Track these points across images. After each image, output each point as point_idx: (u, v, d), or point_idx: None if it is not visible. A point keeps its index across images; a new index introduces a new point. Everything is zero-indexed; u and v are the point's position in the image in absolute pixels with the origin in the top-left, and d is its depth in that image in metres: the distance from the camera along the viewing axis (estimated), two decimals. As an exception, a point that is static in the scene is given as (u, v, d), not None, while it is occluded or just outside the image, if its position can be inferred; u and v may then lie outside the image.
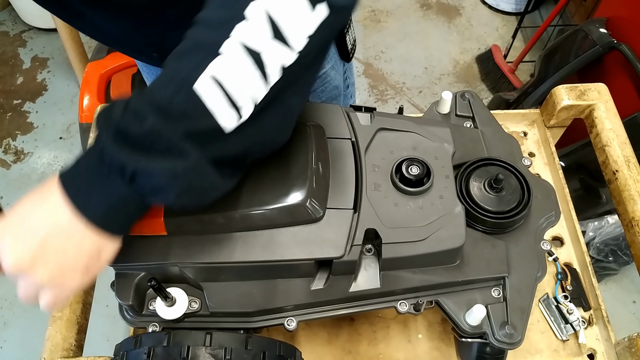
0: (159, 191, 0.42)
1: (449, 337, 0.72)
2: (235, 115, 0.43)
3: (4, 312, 1.74)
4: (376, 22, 2.45)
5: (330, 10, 0.44)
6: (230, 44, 0.42)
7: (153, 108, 0.41)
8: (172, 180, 0.42)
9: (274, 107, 0.46)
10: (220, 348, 0.51)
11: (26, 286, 0.45)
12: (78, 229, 0.43)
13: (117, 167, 0.41)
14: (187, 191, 0.43)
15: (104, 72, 1.77)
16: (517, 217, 0.62)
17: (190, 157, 0.42)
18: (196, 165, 0.42)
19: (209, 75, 0.41)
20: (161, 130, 0.40)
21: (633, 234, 0.72)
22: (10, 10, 2.48)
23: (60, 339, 0.67)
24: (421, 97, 2.22)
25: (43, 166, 2.05)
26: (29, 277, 0.44)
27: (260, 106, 0.44)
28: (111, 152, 0.41)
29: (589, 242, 1.49)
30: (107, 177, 0.42)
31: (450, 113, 0.73)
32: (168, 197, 0.43)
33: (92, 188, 0.43)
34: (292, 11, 0.42)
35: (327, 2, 0.44)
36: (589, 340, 0.71)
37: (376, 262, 0.59)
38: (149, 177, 0.41)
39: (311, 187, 0.54)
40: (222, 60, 0.42)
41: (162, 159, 0.41)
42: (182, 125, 0.41)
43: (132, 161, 0.41)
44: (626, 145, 0.79)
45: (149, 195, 0.43)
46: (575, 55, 1.51)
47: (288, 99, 0.47)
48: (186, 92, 0.41)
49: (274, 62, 0.43)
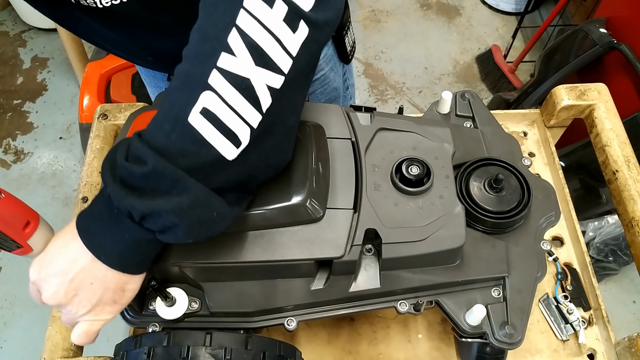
0: (169, 230, 0.44)
1: (449, 337, 0.72)
2: (234, 143, 0.43)
3: (4, 312, 1.74)
4: (376, 22, 2.45)
5: (310, 28, 0.44)
6: (216, 75, 0.42)
7: (151, 150, 0.42)
8: (179, 217, 0.43)
9: (272, 129, 0.46)
10: (220, 348, 0.51)
11: (65, 316, 0.51)
12: (100, 270, 0.47)
13: (126, 213, 0.43)
14: (196, 225, 0.44)
15: (104, 72, 1.78)
16: (517, 217, 0.62)
17: (194, 192, 0.42)
18: (201, 198, 0.43)
19: (202, 108, 0.42)
20: (163, 170, 0.41)
21: (633, 234, 0.72)
22: (10, 10, 2.48)
23: (60, 339, 0.68)
24: (421, 97, 2.22)
25: (43, 166, 2.05)
26: (66, 310, 0.50)
27: (258, 131, 0.44)
28: (118, 198, 0.43)
29: (589, 242, 1.49)
30: (118, 222, 0.44)
31: (450, 113, 0.73)
32: (178, 234, 0.44)
33: (106, 234, 0.46)
34: (272, 35, 0.43)
35: (306, 21, 0.44)
36: (589, 340, 0.71)
37: (376, 262, 0.59)
38: (157, 218, 0.43)
39: (311, 187, 0.54)
40: (212, 93, 0.42)
41: (167, 199, 0.42)
42: (182, 162, 0.42)
43: (138, 205, 0.42)
44: (626, 145, 0.79)
45: (160, 235, 0.45)
46: (575, 55, 1.51)
47: (285, 119, 0.48)
48: (181, 128, 0.42)
49: (263, 88, 0.43)
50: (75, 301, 0.48)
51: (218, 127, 0.42)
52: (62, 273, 0.47)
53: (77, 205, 0.79)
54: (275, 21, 0.43)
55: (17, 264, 1.82)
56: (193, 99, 0.42)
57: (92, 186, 0.80)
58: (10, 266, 1.83)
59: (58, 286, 0.47)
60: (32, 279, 0.49)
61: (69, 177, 2.03)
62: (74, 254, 0.47)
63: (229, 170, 0.44)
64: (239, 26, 0.42)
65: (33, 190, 1.99)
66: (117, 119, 0.86)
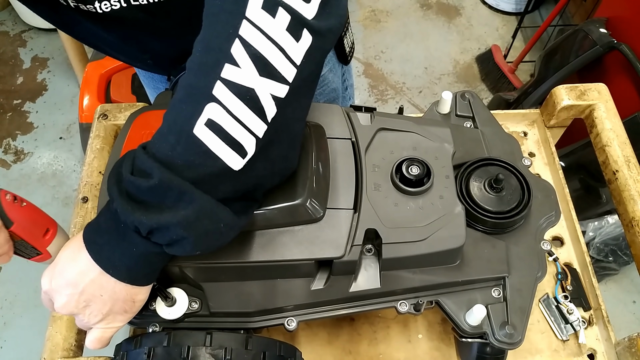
0: (177, 243, 0.44)
1: (449, 337, 0.72)
2: (240, 154, 0.43)
3: (4, 312, 1.74)
4: (376, 22, 2.45)
5: (314, 37, 0.44)
6: (220, 87, 0.42)
7: (156, 163, 0.42)
8: (187, 230, 0.43)
9: (278, 138, 0.46)
10: (221, 348, 0.51)
11: (80, 322, 0.52)
12: (108, 283, 0.47)
13: (133, 227, 0.43)
14: (203, 237, 0.44)
15: (104, 72, 1.78)
16: (517, 217, 0.62)
17: (200, 203, 0.42)
18: (208, 209, 0.43)
19: (206, 120, 0.42)
20: (169, 183, 0.41)
21: (633, 234, 0.72)
22: (10, 10, 2.48)
23: (60, 339, 0.68)
24: (421, 97, 2.22)
25: (43, 166, 2.05)
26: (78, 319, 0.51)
27: (263, 141, 0.44)
28: (125, 213, 0.43)
29: (589, 242, 1.49)
30: (125, 236, 0.44)
31: (450, 113, 0.73)
32: (186, 246, 0.44)
33: (114, 248, 0.46)
34: (275, 45, 0.42)
35: (309, 30, 0.44)
36: (589, 340, 0.71)
37: (376, 262, 0.59)
38: (165, 231, 0.43)
39: (311, 187, 0.54)
40: (216, 104, 0.42)
41: (174, 212, 0.42)
42: (188, 173, 0.42)
43: (145, 220, 0.42)
44: (626, 145, 0.79)
45: (167, 248, 0.45)
46: (575, 55, 1.51)
47: (290, 127, 0.48)
48: (186, 140, 0.42)
49: (267, 97, 0.43)
50: (87, 311, 0.49)
51: (223, 138, 0.42)
52: (72, 285, 0.47)
53: (77, 205, 0.78)
54: (278, 31, 0.42)
55: (17, 264, 1.81)
56: (198, 110, 0.42)
57: (92, 186, 0.80)
58: (10, 266, 1.83)
59: (69, 298, 0.48)
60: (43, 288, 0.50)
61: (69, 177, 2.03)
62: (83, 267, 0.47)
63: (235, 180, 0.44)
64: (241, 36, 0.42)
65: (33, 190, 1.99)
66: (117, 119, 0.86)
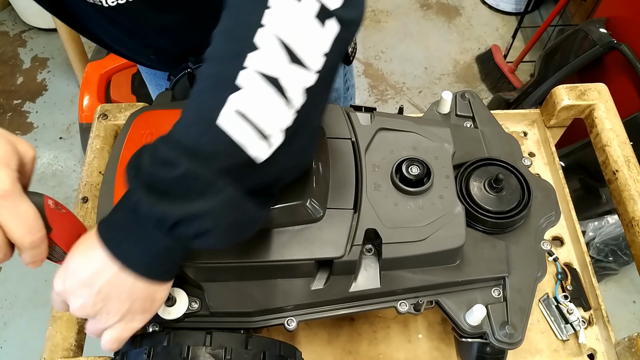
0: (203, 234, 0.42)
1: (449, 337, 0.72)
2: (266, 144, 0.42)
3: (4, 312, 1.74)
4: (376, 22, 2.46)
5: (340, 25, 0.43)
6: (246, 75, 0.41)
7: (182, 151, 0.40)
8: (214, 221, 0.41)
9: (303, 129, 0.45)
10: (221, 348, 0.51)
11: (93, 326, 0.49)
12: (126, 281, 0.45)
13: (155, 220, 0.42)
14: (229, 229, 0.43)
15: (104, 72, 1.78)
16: (517, 217, 0.62)
17: (228, 194, 0.41)
18: (235, 200, 0.42)
19: (232, 110, 0.41)
20: (197, 173, 0.40)
21: (633, 234, 0.72)
22: (10, 10, 2.48)
23: (60, 339, 0.67)
24: (421, 97, 2.22)
25: (43, 166, 2.05)
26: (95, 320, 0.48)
27: (290, 131, 0.43)
28: (147, 206, 0.41)
29: (589, 242, 1.49)
30: (146, 231, 0.43)
31: (450, 113, 0.73)
32: (211, 239, 0.43)
33: (133, 244, 0.44)
34: (303, 33, 0.42)
35: (336, 18, 0.43)
36: (589, 340, 0.71)
37: (376, 262, 0.59)
38: (192, 222, 0.41)
39: (311, 187, 0.54)
40: (242, 93, 0.41)
41: (202, 201, 0.40)
42: (214, 164, 0.40)
43: (172, 210, 0.41)
44: (626, 145, 0.79)
45: (191, 240, 0.43)
46: (575, 55, 1.51)
47: (313, 119, 0.47)
48: (211, 130, 0.41)
49: (296, 86, 0.42)
50: (104, 312, 0.47)
51: (250, 128, 0.41)
52: (87, 285, 0.46)
53: (77, 205, 0.78)
54: (306, 18, 0.41)
55: (17, 264, 1.81)
56: (222, 100, 0.41)
57: (92, 186, 0.80)
58: (10, 266, 1.83)
59: (85, 299, 0.46)
60: (56, 290, 0.48)
61: (69, 177, 2.03)
62: (98, 266, 0.45)
63: (260, 172, 0.43)
64: (268, 24, 0.41)
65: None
66: (117, 119, 0.86)
